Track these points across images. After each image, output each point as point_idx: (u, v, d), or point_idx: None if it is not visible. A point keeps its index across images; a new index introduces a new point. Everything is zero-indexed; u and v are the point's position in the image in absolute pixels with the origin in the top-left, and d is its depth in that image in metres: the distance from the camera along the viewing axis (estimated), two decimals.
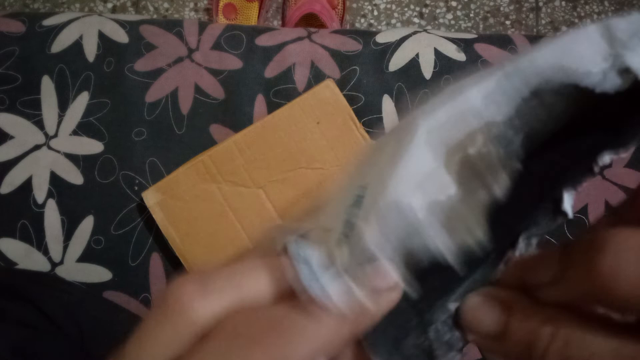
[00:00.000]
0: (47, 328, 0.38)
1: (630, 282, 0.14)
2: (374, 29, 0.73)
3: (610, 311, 0.16)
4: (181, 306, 0.17)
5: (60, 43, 0.51)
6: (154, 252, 0.48)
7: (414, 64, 0.51)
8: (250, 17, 0.92)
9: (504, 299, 0.18)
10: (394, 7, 1.01)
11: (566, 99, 0.16)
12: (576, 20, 1.01)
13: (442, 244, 0.16)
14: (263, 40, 0.52)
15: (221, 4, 0.93)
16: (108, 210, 0.49)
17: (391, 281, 0.17)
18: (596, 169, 0.17)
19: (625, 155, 0.16)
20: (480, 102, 0.16)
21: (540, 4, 1.02)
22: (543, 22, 1.01)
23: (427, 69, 0.51)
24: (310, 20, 0.90)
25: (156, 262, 0.48)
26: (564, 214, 0.18)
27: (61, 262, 0.48)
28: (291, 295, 0.17)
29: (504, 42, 0.52)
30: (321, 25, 0.89)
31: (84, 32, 0.52)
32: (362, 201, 0.17)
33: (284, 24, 0.94)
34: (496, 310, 0.18)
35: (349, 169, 0.19)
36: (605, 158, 0.17)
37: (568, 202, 0.18)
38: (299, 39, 0.52)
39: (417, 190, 0.16)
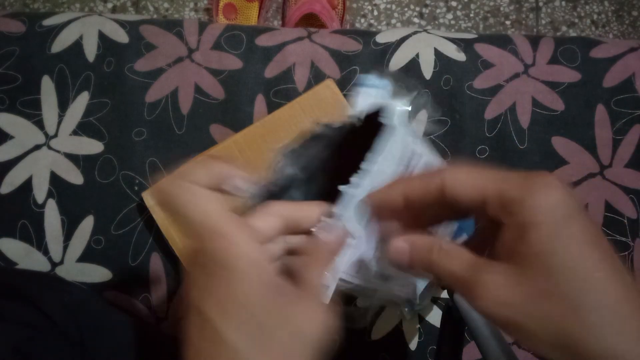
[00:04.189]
0: (47, 328, 0.38)
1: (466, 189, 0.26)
2: (374, 29, 0.73)
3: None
4: None
5: (60, 43, 0.51)
6: (154, 252, 0.48)
7: (414, 64, 0.51)
8: (250, 17, 0.92)
9: (410, 239, 0.29)
10: (394, 7, 1.01)
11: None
12: (576, 20, 1.01)
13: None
14: (263, 40, 0.52)
15: (221, 4, 0.93)
16: (108, 210, 0.49)
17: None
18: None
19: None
20: None
21: (540, 4, 1.01)
22: (543, 22, 1.01)
23: (427, 69, 0.51)
24: (310, 20, 0.90)
25: (156, 262, 0.48)
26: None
27: (61, 262, 0.48)
28: None
29: (504, 42, 0.52)
30: (321, 25, 0.89)
31: (84, 32, 0.52)
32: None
33: (284, 24, 0.94)
34: (405, 245, 0.29)
35: None
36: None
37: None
38: (299, 39, 0.52)
39: None
